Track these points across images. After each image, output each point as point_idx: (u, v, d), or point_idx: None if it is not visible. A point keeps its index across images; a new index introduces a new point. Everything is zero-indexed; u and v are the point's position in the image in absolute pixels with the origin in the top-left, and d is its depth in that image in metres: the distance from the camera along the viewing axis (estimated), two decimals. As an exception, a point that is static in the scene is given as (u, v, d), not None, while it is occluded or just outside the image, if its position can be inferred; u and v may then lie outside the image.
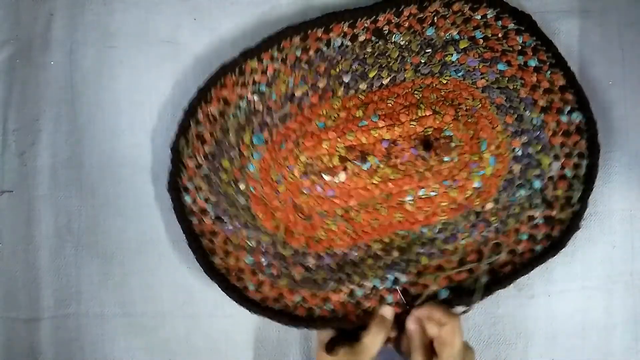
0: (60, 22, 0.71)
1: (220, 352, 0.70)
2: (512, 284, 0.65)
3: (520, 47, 0.66)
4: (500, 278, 0.65)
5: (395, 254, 0.66)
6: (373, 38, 0.66)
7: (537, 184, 0.66)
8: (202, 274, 0.65)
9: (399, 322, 0.65)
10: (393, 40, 0.66)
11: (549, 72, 0.66)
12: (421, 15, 0.66)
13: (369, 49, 0.66)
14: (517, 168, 0.66)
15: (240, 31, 0.70)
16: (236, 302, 0.64)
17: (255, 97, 0.67)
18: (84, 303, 0.70)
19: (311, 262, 0.67)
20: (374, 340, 0.62)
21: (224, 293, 0.65)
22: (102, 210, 0.70)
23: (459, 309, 0.63)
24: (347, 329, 0.65)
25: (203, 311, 0.70)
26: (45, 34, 0.71)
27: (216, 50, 0.70)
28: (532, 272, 0.65)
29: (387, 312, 0.64)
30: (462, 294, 0.65)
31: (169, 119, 0.70)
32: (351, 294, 0.66)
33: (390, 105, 0.66)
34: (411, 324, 0.63)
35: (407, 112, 0.66)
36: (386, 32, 0.66)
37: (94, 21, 0.71)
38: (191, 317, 0.70)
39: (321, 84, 0.66)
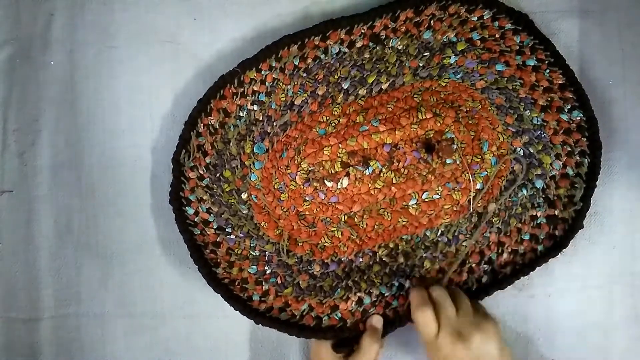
0: (60, 22, 0.73)
1: (220, 352, 0.72)
2: (512, 284, 0.67)
3: (518, 47, 0.68)
4: (501, 278, 0.67)
5: (401, 259, 0.69)
6: (370, 44, 0.68)
7: (539, 184, 0.68)
8: (202, 276, 0.67)
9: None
10: (390, 45, 0.68)
11: (547, 70, 0.68)
12: (417, 19, 0.68)
13: (366, 55, 0.68)
14: (518, 168, 0.68)
15: (240, 31, 0.72)
16: (241, 313, 0.66)
17: (255, 107, 0.68)
18: (84, 303, 0.72)
19: (316, 269, 0.69)
20: (367, 353, 0.64)
21: (224, 296, 0.67)
22: (102, 210, 0.72)
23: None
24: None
25: (203, 311, 0.72)
26: (45, 34, 0.73)
27: (216, 50, 0.72)
28: (532, 272, 0.67)
29: (377, 322, 0.66)
30: None
31: (169, 119, 0.72)
32: (359, 302, 0.68)
33: (390, 109, 0.68)
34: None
35: (407, 116, 0.67)
36: (383, 37, 0.68)
37: (94, 21, 0.72)
38: (191, 317, 0.72)
39: (320, 91, 0.68)
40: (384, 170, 0.68)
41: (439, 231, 0.69)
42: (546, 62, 0.67)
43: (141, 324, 0.72)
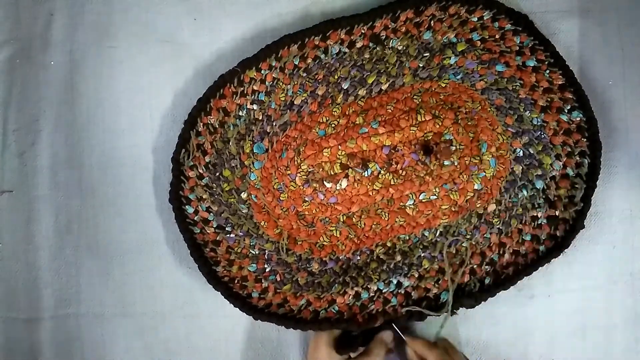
0: (60, 22, 0.73)
1: (220, 352, 0.72)
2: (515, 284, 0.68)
3: (518, 48, 0.68)
4: (504, 279, 0.68)
5: (398, 257, 0.69)
6: (370, 44, 0.68)
7: (540, 184, 0.68)
8: (202, 275, 0.68)
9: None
10: (390, 45, 0.68)
11: (547, 71, 0.68)
12: (418, 20, 0.68)
13: (366, 55, 0.68)
14: (518, 169, 0.69)
15: (239, 31, 0.72)
16: (240, 309, 0.67)
17: (255, 106, 0.69)
18: (84, 303, 0.73)
19: (315, 267, 0.69)
20: None
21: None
22: (102, 210, 0.73)
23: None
24: (351, 331, 0.68)
25: (203, 311, 0.72)
26: (45, 34, 0.73)
27: (216, 50, 0.72)
28: (534, 272, 0.67)
29: (387, 337, 0.67)
30: (462, 297, 0.68)
31: (169, 119, 0.72)
32: (357, 296, 0.69)
33: (390, 111, 0.68)
34: (408, 350, 0.67)
35: (407, 118, 0.68)
36: (383, 37, 0.68)
37: (94, 21, 0.73)
38: (191, 317, 0.72)
39: (320, 91, 0.69)
40: (382, 172, 0.68)
41: (438, 231, 0.69)
42: (546, 62, 0.68)
43: (141, 324, 0.72)
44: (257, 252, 0.69)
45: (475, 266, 0.68)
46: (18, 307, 0.73)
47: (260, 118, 0.69)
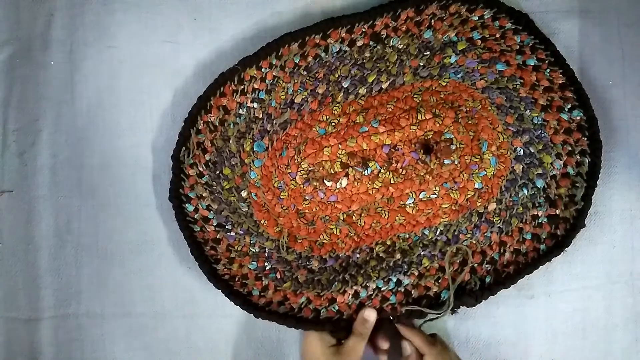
0: (60, 22, 0.73)
1: (220, 352, 0.72)
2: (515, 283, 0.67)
3: (518, 47, 0.68)
4: (505, 277, 0.68)
5: (398, 256, 0.69)
6: (371, 43, 0.68)
7: (540, 183, 0.68)
8: (202, 274, 0.68)
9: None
10: (391, 44, 0.68)
11: (548, 70, 0.68)
12: (418, 19, 0.68)
13: (367, 54, 0.68)
14: (519, 168, 0.69)
15: (240, 31, 0.72)
16: (241, 307, 0.67)
17: (255, 105, 0.69)
18: (84, 303, 0.73)
19: (315, 265, 0.69)
20: (358, 342, 0.65)
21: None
22: (102, 210, 0.73)
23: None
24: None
25: (203, 311, 0.72)
26: (45, 34, 0.73)
27: (216, 50, 0.72)
28: (535, 270, 0.67)
29: (370, 315, 0.67)
30: (462, 295, 0.67)
31: (169, 118, 0.72)
32: (356, 295, 0.69)
33: (390, 109, 0.68)
34: (407, 347, 0.67)
35: (407, 117, 0.68)
36: (384, 36, 0.68)
37: (94, 21, 0.73)
38: (191, 317, 0.72)
39: (320, 89, 0.68)
40: (382, 170, 0.68)
41: (438, 230, 0.69)
42: (546, 61, 0.68)
43: (141, 324, 0.72)
44: (257, 250, 0.69)
45: (475, 265, 0.68)
46: (18, 307, 0.73)
47: (261, 116, 0.69)
